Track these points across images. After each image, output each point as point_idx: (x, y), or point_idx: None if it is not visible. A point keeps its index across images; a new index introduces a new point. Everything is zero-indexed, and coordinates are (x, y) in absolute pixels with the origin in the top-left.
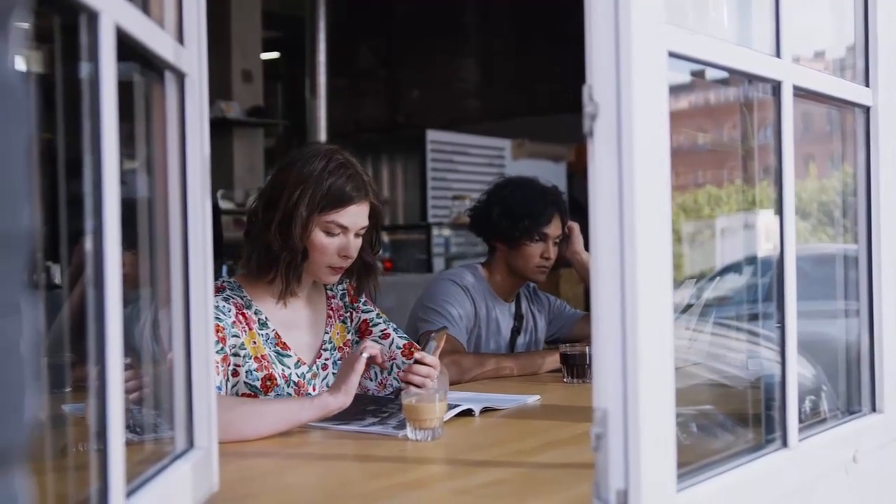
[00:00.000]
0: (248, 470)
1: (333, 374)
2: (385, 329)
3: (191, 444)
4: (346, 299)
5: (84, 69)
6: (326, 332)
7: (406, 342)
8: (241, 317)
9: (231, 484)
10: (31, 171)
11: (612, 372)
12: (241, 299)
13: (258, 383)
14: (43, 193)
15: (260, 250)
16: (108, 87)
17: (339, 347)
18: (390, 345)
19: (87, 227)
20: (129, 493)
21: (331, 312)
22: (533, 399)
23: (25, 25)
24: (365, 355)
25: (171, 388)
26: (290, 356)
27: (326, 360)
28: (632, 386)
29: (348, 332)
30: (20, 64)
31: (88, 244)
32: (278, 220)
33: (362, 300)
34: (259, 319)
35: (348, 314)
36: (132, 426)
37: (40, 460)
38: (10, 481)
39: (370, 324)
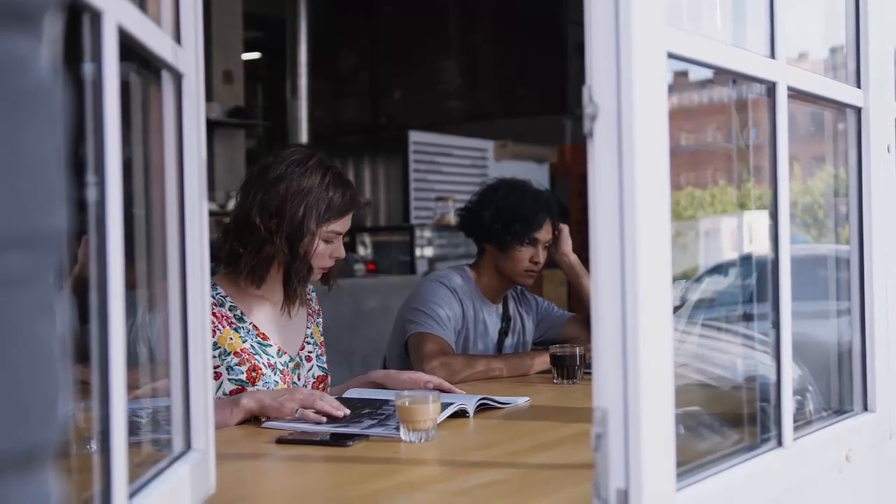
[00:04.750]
0: (245, 472)
1: (318, 366)
2: (319, 352)
3: (188, 446)
4: (317, 307)
5: (87, 68)
6: (308, 328)
7: (322, 374)
8: (212, 315)
9: (227, 486)
10: (64, 172)
11: (613, 372)
12: (214, 297)
13: (243, 376)
14: None
15: (261, 259)
16: (110, 87)
17: (320, 344)
18: (309, 370)
19: (89, 226)
20: (131, 495)
21: (310, 311)
22: (524, 401)
23: (58, 28)
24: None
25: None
26: (270, 345)
27: (310, 352)
28: (632, 386)
29: (321, 335)
30: (52, 65)
31: (91, 245)
32: (286, 233)
33: (321, 315)
34: (235, 315)
35: (320, 319)
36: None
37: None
38: (43, 479)
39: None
